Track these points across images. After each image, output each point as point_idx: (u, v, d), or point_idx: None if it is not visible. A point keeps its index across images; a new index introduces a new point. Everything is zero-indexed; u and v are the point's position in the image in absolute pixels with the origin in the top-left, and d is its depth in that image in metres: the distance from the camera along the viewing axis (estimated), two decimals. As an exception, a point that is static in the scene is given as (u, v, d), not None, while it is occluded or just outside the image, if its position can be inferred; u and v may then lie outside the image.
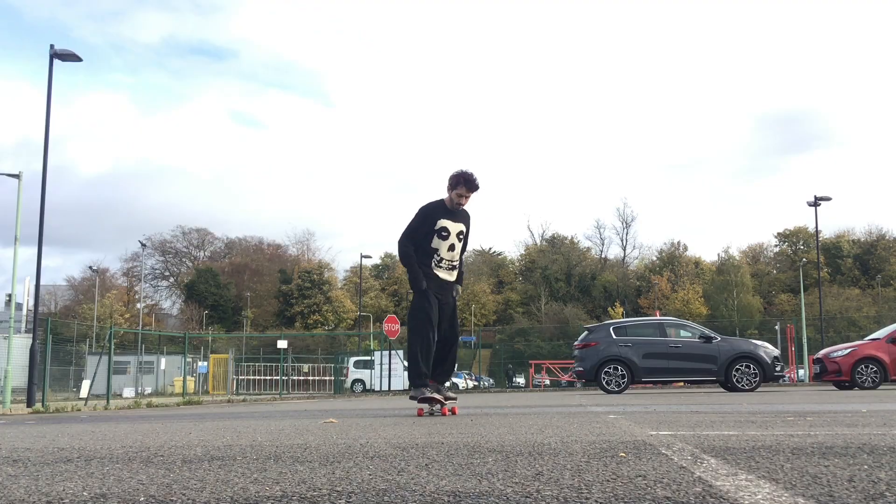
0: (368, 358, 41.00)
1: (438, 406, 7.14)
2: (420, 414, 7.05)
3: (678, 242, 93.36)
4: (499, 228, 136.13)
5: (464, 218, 7.42)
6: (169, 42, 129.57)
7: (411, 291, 7.36)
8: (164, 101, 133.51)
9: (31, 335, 23.54)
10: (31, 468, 3.07)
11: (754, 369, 17.83)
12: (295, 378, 43.66)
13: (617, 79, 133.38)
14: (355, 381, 40.64)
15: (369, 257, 62.28)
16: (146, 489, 2.37)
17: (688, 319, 36.37)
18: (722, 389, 18.98)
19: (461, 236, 7.37)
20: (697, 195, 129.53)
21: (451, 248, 7.27)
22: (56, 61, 18.74)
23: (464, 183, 7.15)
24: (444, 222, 7.23)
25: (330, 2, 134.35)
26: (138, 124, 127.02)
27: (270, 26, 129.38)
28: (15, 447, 4.32)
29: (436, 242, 7.20)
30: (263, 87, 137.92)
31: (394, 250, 6.80)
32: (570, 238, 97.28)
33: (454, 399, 7.45)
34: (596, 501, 2.00)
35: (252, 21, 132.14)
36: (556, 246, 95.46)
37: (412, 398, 7.10)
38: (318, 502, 2.08)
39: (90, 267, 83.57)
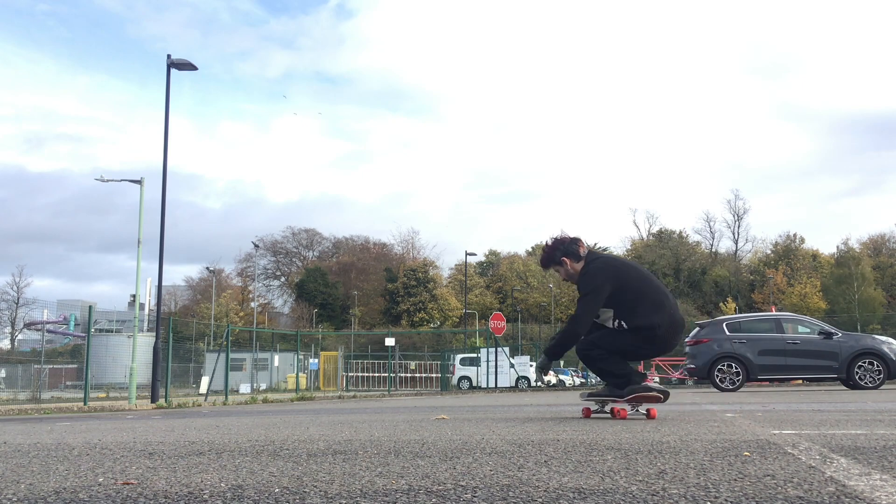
0: (475, 355, 41.20)
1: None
2: (587, 415, 6.02)
3: (794, 235, 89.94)
4: (604, 223, 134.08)
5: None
6: (289, 75, 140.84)
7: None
8: (279, 121, 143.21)
9: (153, 334, 24.63)
10: (167, 461, 3.23)
11: (878, 366, 17.12)
12: (402, 375, 44.26)
13: (723, 73, 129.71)
14: (462, 378, 40.91)
15: (474, 255, 62.44)
16: (279, 481, 2.46)
17: (805, 314, 35.04)
18: (842, 387, 18.25)
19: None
20: (814, 186, 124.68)
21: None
22: (172, 70, 20.31)
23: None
24: None
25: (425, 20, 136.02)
26: (255, 142, 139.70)
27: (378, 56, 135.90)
28: (148, 441, 4.55)
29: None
30: (370, 109, 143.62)
31: (497, 247, 4.63)
32: (678, 232, 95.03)
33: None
34: (726, 500, 1.97)
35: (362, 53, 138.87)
36: (663, 240, 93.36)
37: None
38: (445, 496, 2.12)
39: (207, 267, 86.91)
